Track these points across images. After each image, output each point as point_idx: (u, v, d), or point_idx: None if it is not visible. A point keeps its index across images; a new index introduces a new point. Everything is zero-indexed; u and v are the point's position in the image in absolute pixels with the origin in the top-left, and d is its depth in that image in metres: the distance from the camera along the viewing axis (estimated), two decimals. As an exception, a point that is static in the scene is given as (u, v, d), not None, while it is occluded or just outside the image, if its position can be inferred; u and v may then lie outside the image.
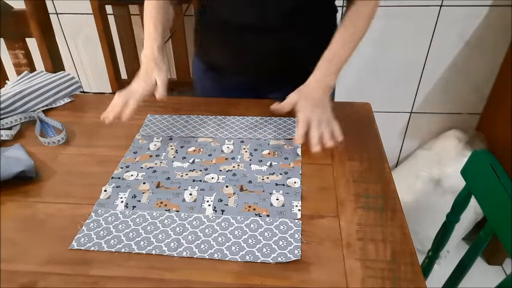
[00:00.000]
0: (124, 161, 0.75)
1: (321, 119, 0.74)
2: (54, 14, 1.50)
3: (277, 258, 0.56)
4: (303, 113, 0.74)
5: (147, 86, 0.77)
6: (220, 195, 0.67)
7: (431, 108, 1.62)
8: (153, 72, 0.78)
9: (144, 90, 0.77)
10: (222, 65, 0.98)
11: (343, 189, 0.69)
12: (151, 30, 0.85)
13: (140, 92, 0.77)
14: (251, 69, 0.94)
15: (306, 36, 0.90)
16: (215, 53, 0.97)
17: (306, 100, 0.75)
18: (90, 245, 0.59)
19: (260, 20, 0.86)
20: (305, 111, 0.74)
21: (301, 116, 0.73)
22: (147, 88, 0.77)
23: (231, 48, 0.93)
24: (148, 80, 0.78)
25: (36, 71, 1.02)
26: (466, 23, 1.40)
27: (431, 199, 1.49)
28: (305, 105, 0.74)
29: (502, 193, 0.66)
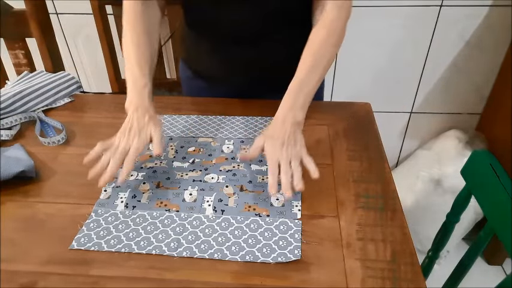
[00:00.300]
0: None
1: (291, 158, 0.66)
2: (54, 14, 1.50)
3: (277, 258, 0.56)
4: (270, 155, 0.66)
5: (143, 143, 0.68)
6: (220, 195, 0.67)
7: (431, 108, 1.62)
8: (148, 128, 0.70)
9: (140, 147, 0.68)
10: (208, 73, 0.96)
11: (343, 189, 0.69)
12: (136, 74, 0.75)
13: (136, 151, 0.67)
14: (237, 78, 0.92)
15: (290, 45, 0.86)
16: (201, 61, 0.95)
17: (273, 140, 0.67)
18: (90, 245, 0.59)
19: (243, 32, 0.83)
20: (272, 153, 0.66)
21: (269, 160, 0.65)
22: (142, 145, 0.68)
23: (216, 58, 0.91)
24: (144, 135, 0.69)
25: (36, 71, 1.02)
26: (466, 23, 1.40)
27: (431, 199, 1.49)
28: (272, 146, 0.66)
29: (502, 193, 0.67)
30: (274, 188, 0.62)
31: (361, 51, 1.48)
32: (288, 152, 0.66)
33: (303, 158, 0.67)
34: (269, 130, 0.70)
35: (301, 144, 0.68)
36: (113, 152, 0.67)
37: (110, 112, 0.91)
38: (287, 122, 0.69)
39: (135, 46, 0.77)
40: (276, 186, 0.62)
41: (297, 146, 0.67)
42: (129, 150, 0.67)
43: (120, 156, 0.66)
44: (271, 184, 0.62)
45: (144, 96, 0.73)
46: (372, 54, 1.49)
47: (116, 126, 0.75)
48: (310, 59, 0.74)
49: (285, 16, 0.83)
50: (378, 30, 1.43)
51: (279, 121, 0.70)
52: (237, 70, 0.91)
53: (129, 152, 0.67)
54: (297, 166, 0.65)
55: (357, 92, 1.56)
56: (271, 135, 0.68)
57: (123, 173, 0.65)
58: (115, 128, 0.75)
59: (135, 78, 0.75)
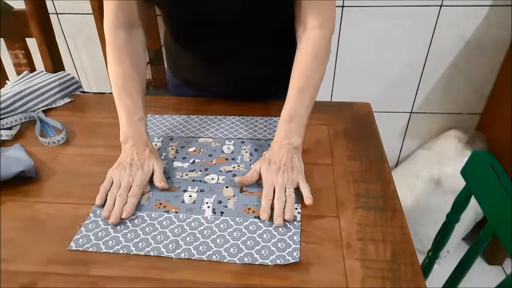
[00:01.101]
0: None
1: (286, 183, 0.65)
2: (54, 14, 1.50)
3: (276, 260, 0.56)
4: (265, 179, 0.66)
5: (146, 177, 0.68)
6: (220, 197, 0.67)
7: (431, 108, 1.62)
8: (150, 162, 0.69)
9: (143, 183, 0.67)
10: (194, 81, 0.95)
11: (343, 189, 0.69)
12: (130, 108, 0.73)
13: (140, 187, 0.67)
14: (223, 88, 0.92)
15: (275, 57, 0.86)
16: (186, 72, 0.95)
17: (269, 165, 0.67)
18: (88, 246, 0.59)
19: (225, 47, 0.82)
20: (268, 177, 0.66)
21: (264, 184, 0.66)
22: (146, 180, 0.68)
23: (201, 70, 0.90)
24: (146, 169, 0.68)
25: (36, 71, 1.02)
26: (466, 23, 1.40)
27: (431, 199, 1.49)
28: (268, 171, 0.67)
29: (502, 193, 0.66)
30: (266, 213, 0.62)
31: (361, 51, 1.48)
32: (284, 177, 0.66)
33: (299, 183, 0.66)
34: (267, 155, 0.70)
35: (298, 170, 0.68)
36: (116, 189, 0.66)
37: (110, 112, 0.91)
38: (283, 147, 0.69)
39: (123, 79, 0.75)
40: (268, 211, 0.62)
41: (294, 172, 0.67)
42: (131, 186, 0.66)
43: (125, 194, 0.65)
44: (263, 208, 0.63)
45: (141, 129, 0.73)
46: (371, 54, 1.49)
47: (116, 126, 0.75)
48: (299, 84, 0.72)
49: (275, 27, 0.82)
50: (378, 30, 1.43)
51: (275, 147, 0.70)
52: (223, 82, 0.90)
53: (133, 188, 0.66)
54: (291, 192, 0.65)
55: (357, 92, 1.56)
56: (268, 160, 0.68)
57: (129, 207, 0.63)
58: (115, 128, 0.75)
59: (129, 112, 0.73)
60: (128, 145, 0.71)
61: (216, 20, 0.77)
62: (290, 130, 0.71)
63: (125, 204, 0.64)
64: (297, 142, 0.71)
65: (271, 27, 0.81)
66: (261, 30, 0.81)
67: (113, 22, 0.76)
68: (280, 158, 0.68)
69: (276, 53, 0.85)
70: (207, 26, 0.79)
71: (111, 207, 0.63)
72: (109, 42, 0.76)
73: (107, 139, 0.82)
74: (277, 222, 0.61)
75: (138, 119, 0.73)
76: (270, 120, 0.86)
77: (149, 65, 1.46)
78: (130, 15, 0.76)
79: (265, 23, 0.80)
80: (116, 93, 0.75)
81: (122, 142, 0.73)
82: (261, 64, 0.86)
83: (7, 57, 1.17)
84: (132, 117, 0.73)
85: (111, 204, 0.64)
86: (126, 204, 0.64)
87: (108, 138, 0.82)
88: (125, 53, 0.76)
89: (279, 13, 0.79)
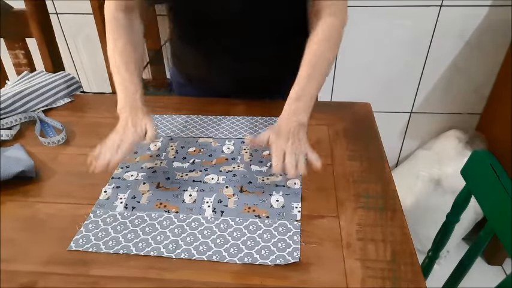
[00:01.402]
0: (124, 161, 0.75)
1: (295, 150, 0.68)
2: (54, 14, 1.50)
3: (276, 260, 0.56)
4: (275, 144, 0.69)
5: (138, 135, 0.71)
6: (220, 196, 0.67)
7: (431, 108, 1.62)
8: (143, 122, 0.72)
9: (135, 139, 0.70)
10: (198, 78, 0.96)
11: (343, 189, 0.69)
12: (126, 81, 0.76)
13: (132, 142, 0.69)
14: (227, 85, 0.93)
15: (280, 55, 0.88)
16: (190, 68, 0.96)
17: (278, 134, 0.70)
18: (88, 246, 0.59)
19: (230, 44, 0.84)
20: (277, 142, 0.69)
21: (274, 147, 0.68)
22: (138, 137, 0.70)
23: (204, 67, 0.91)
24: (139, 129, 0.71)
25: (36, 71, 1.02)
26: (466, 23, 1.40)
27: (431, 199, 1.49)
28: (277, 138, 0.69)
29: (502, 193, 0.66)
30: (278, 167, 0.64)
31: (361, 51, 1.48)
32: (294, 146, 0.68)
33: (308, 153, 0.68)
34: (275, 126, 0.72)
35: (305, 143, 0.70)
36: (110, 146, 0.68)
37: (110, 112, 0.91)
38: (291, 122, 0.71)
39: (121, 55, 0.77)
40: (281, 164, 0.64)
41: (302, 143, 0.69)
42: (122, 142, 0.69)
43: (115, 147, 0.67)
44: (275, 166, 0.64)
45: (137, 100, 0.74)
46: (372, 54, 1.49)
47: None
48: (309, 65, 0.75)
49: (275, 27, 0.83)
50: (378, 30, 1.43)
51: (283, 122, 0.72)
52: (225, 80, 0.91)
53: (123, 142, 0.68)
54: (302, 160, 0.66)
55: (357, 92, 1.56)
56: (277, 130, 0.70)
57: (117, 157, 0.65)
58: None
59: (126, 85, 0.75)
60: (124, 114, 0.73)
61: (216, 20, 0.79)
62: (297, 108, 0.72)
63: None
64: (304, 119, 0.72)
65: (272, 27, 0.82)
66: (262, 30, 0.82)
67: (114, 5, 0.80)
68: (288, 130, 0.70)
69: (277, 52, 0.86)
70: (208, 25, 0.80)
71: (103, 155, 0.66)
72: (108, 21, 0.79)
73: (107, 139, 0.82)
74: (291, 173, 0.63)
75: (133, 92, 0.75)
76: (270, 121, 0.86)
77: (149, 65, 1.46)
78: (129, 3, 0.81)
79: (266, 23, 0.81)
80: (113, 66, 0.77)
81: (119, 112, 0.74)
82: (262, 63, 0.87)
83: (7, 57, 1.17)
84: (128, 90, 0.75)
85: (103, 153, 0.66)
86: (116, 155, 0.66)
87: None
88: (123, 30, 0.79)
89: (278, 13, 0.80)
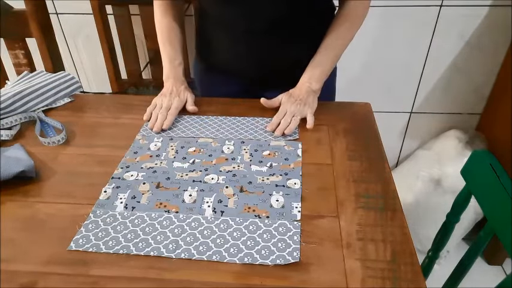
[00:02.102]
0: (124, 161, 0.75)
1: (295, 112, 0.83)
2: (54, 14, 1.50)
3: (276, 260, 0.56)
4: (283, 105, 0.85)
5: (182, 102, 0.88)
6: (220, 196, 0.67)
7: (431, 108, 1.62)
8: (185, 92, 0.90)
9: (179, 106, 0.88)
10: (221, 66, 0.98)
11: (343, 189, 0.69)
12: (171, 54, 0.92)
13: (177, 108, 0.87)
14: (251, 71, 0.95)
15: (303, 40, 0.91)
16: (214, 55, 0.98)
17: (289, 97, 0.86)
18: (88, 246, 0.59)
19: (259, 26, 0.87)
20: (285, 104, 0.85)
21: (280, 108, 0.85)
22: (181, 104, 0.88)
23: (230, 52, 0.94)
24: (182, 97, 0.89)
25: (36, 71, 1.02)
26: (466, 23, 1.40)
27: (431, 199, 1.49)
28: (287, 101, 0.85)
29: (502, 193, 0.66)
30: (272, 126, 0.82)
31: (361, 51, 1.48)
32: (296, 107, 0.84)
33: (307, 114, 0.84)
34: (290, 91, 0.88)
35: (310, 106, 0.85)
36: (159, 109, 0.86)
37: (110, 112, 0.91)
38: (304, 88, 0.87)
39: (167, 29, 0.93)
40: (274, 126, 0.82)
41: (305, 107, 0.85)
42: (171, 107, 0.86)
43: (165, 111, 0.85)
44: (272, 123, 0.83)
45: (180, 71, 0.93)
46: (372, 54, 1.49)
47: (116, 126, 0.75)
48: (328, 40, 0.88)
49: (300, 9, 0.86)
50: (378, 30, 1.43)
51: (297, 87, 0.88)
52: (252, 63, 0.93)
53: (172, 108, 0.86)
54: (297, 119, 0.83)
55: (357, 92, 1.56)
56: (290, 94, 0.87)
57: (168, 121, 0.84)
58: (115, 128, 0.75)
59: (170, 57, 0.92)
60: (169, 82, 0.91)
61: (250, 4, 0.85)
62: (313, 75, 0.87)
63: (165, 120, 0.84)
64: (316, 87, 0.87)
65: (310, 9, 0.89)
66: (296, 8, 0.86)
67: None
68: (299, 93, 0.86)
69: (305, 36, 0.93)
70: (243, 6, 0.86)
71: (155, 120, 0.84)
72: (156, 6, 0.94)
73: (107, 139, 0.82)
74: (277, 132, 0.81)
75: (178, 64, 0.93)
76: (270, 121, 0.86)
77: (149, 65, 1.46)
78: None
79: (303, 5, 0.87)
80: (160, 41, 0.94)
81: (164, 80, 0.92)
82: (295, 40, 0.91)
83: (7, 57, 1.17)
84: (173, 61, 0.93)
85: (155, 118, 0.84)
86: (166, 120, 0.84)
87: (108, 138, 0.82)
88: (170, 8, 0.94)
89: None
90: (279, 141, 0.80)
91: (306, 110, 0.84)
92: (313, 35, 0.90)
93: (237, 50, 0.93)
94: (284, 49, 0.91)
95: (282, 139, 0.81)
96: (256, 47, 0.90)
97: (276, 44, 0.90)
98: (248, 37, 0.89)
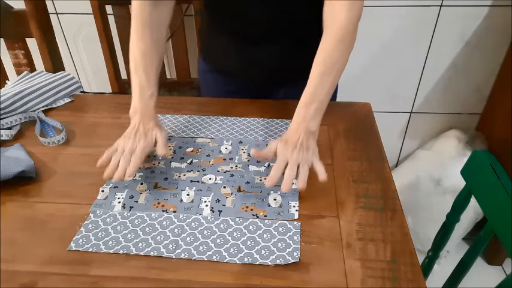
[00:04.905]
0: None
1: (300, 161, 0.67)
2: (54, 14, 1.50)
3: (276, 260, 0.56)
4: (280, 155, 0.68)
5: (149, 143, 0.72)
6: (218, 196, 0.67)
7: (431, 108, 1.62)
8: (153, 131, 0.74)
9: (146, 147, 0.72)
10: (226, 69, 0.97)
11: (343, 189, 0.69)
12: (143, 83, 0.76)
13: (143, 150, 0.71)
14: (256, 74, 0.94)
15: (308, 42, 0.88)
16: (219, 58, 0.97)
17: (286, 143, 0.69)
18: (88, 246, 0.59)
19: (263, 32, 0.86)
20: (283, 153, 0.68)
21: (277, 159, 0.67)
22: (149, 145, 0.72)
23: (234, 55, 0.93)
24: (149, 137, 0.73)
25: (36, 71, 1.02)
26: (466, 23, 1.40)
27: (431, 199, 1.49)
28: (284, 148, 0.68)
29: (502, 193, 0.66)
30: (272, 181, 0.64)
31: (361, 51, 1.47)
32: (299, 155, 0.67)
33: (313, 162, 0.68)
34: (284, 136, 0.71)
35: (313, 151, 0.69)
36: (120, 154, 0.70)
37: (110, 112, 0.91)
38: (300, 130, 0.70)
39: (142, 55, 0.77)
40: (274, 179, 0.64)
41: (309, 152, 0.68)
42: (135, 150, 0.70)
43: (129, 156, 0.69)
44: (271, 176, 0.64)
45: (150, 105, 0.76)
46: (372, 54, 1.49)
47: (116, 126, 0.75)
48: (321, 67, 0.72)
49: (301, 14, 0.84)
50: (378, 30, 1.43)
51: (292, 130, 0.71)
52: (256, 67, 0.91)
53: (136, 151, 0.70)
54: (305, 169, 0.66)
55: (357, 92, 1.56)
56: (285, 139, 0.70)
57: (131, 168, 0.67)
58: (115, 128, 0.75)
59: (142, 87, 0.76)
60: (136, 118, 0.75)
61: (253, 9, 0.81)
62: (308, 115, 0.71)
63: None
64: (314, 127, 0.72)
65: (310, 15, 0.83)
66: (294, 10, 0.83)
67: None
68: (296, 138, 0.69)
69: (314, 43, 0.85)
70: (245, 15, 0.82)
71: (115, 167, 0.68)
72: (134, 16, 0.78)
73: (107, 139, 0.82)
74: (284, 188, 0.62)
75: (148, 96, 0.76)
76: (271, 122, 0.86)
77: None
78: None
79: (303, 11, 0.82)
80: (132, 68, 0.78)
81: (131, 116, 0.76)
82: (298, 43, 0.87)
83: (7, 57, 1.17)
84: (144, 93, 0.76)
85: (115, 164, 0.68)
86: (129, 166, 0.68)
87: (108, 138, 0.82)
88: (148, 28, 0.78)
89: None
90: (279, 141, 0.80)
91: (311, 157, 0.68)
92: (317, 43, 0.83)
93: (242, 57, 0.91)
94: (288, 57, 0.90)
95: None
96: (260, 55, 0.89)
97: (280, 52, 0.88)
98: (252, 45, 0.88)
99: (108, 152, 0.70)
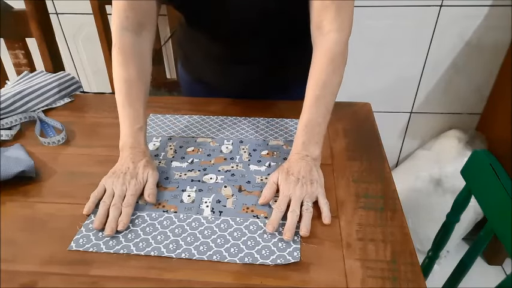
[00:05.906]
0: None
1: (304, 196, 0.63)
2: (54, 14, 1.50)
3: (276, 260, 0.56)
4: (282, 190, 0.64)
5: (140, 188, 0.66)
6: (219, 196, 0.67)
7: (431, 108, 1.62)
8: (145, 172, 0.68)
9: (137, 193, 0.65)
10: (206, 79, 0.96)
11: (343, 189, 0.69)
12: (131, 116, 0.71)
13: (134, 198, 0.65)
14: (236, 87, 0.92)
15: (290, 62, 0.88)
16: (198, 69, 0.96)
17: (288, 176, 0.64)
18: (88, 246, 0.59)
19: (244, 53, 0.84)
20: (285, 187, 0.63)
21: (280, 194, 0.63)
22: (140, 190, 0.66)
23: (213, 71, 0.91)
24: (140, 178, 0.67)
25: (36, 71, 1.02)
26: (466, 23, 1.40)
27: (431, 199, 1.49)
28: (286, 181, 0.64)
29: (502, 193, 0.66)
30: (272, 225, 0.59)
31: (361, 51, 1.48)
32: (303, 190, 0.63)
33: (318, 198, 0.64)
34: (284, 166, 0.67)
35: (318, 184, 0.65)
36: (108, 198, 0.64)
37: (109, 112, 0.91)
38: (302, 159, 0.66)
39: (128, 87, 0.72)
40: (275, 224, 0.59)
41: (313, 186, 0.64)
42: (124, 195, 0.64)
43: (119, 203, 0.63)
44: (271, 220, 0.60)
45: (140, 138, 0.71)
46: (372, 54, 1.49)
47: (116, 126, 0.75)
48: (314, 91, 0.69)
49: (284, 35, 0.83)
50: (378, 30, 1.43)
51: (293, 159, 0.67)
52: (236, 81, 0.90)
53: (127, 197, 0.64)
54: (309, 207, 0.62)
55: (357, 92, 1.56)
56: (286, 170, 0.66)
57: (125, 219, 0.61)
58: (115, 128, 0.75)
59: (130, 120, 0.71)
60: (125, 154, 0.69)
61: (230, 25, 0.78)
62: (308, 141, 0.68)
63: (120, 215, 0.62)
64: (316, 153, 0.68)
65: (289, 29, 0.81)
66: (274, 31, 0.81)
67: (121, 22, 0.72)
68: (298, 169, 0.65)
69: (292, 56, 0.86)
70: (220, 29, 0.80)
71: (103, 217, 0.61)
72: (115, 44, 0.72)
73: (107, 139, 0.82)
74: (286, 236, 0.58)
75: (138, 129, 0.71)
76: (271, 121, 0.86)
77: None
78: (140, 14, 0.73)
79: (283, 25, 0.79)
80: (119, 100, 0.72)
81: (120, 150, 0.71)
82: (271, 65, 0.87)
83: (7, 57, 1.17)
84: (133, 126, 0.71)
85: (103, 214, 0.62)
86: (121, 215, 0.61)
87: (108, 138, 0.82)
88: (131, 57, 0.72)
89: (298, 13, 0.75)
90: (278, 140, 0.80)
91: (315, 191, 0.64)
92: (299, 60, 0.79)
93: (221, 73, 0.90)
94: (268, 76, 0.89)
95: (281, 139, 0.81)
96: (239, 72, 0.87)
97: (261, 71, 0.87)
98: (232, 64, 0.86)
99: (94, 195, 0.65)
